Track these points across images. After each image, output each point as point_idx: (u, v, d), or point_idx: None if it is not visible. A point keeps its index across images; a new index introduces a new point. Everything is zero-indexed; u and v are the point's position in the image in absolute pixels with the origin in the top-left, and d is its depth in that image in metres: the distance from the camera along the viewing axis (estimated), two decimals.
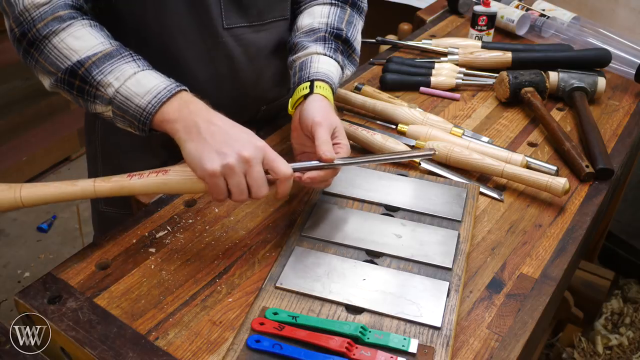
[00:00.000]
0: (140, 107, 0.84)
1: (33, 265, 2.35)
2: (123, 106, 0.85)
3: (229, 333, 0.78)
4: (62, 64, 0.86)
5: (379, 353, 0.74)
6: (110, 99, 0.86)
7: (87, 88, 0.86)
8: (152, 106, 0.84)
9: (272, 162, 0.83)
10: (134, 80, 0.85)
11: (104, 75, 0.85)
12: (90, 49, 0.86)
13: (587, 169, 1.09)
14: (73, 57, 0.86)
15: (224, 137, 0.82)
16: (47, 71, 0.88)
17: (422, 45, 1.48)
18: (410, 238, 0.92)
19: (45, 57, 0.87)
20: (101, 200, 1.20)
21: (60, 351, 0.80)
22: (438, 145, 1.10)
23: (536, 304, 0.86)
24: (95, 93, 0.86)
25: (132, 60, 0.87)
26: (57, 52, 0.86)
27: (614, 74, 1.46)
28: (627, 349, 2.04)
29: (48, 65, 0.87)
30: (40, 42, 0.86)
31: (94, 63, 0.85)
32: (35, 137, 2.62)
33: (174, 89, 0.85)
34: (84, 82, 0.86)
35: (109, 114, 0.88)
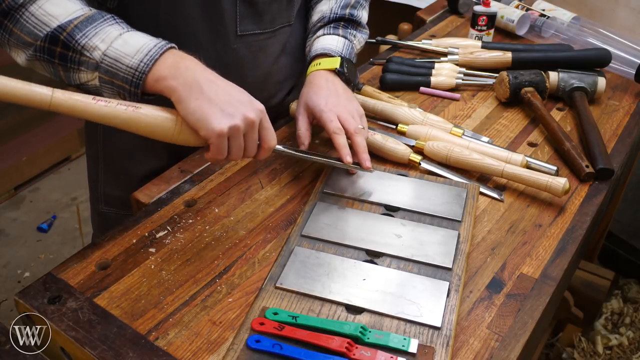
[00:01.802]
0: (132, 68, 0.80)
1: (33, 265, 2.35)
2: (112, 69, 0.80)
3: (229, 333, 0.78)
4: (40, 32, 0.80)
5: (379, 353, 0.74)
6: (97, 63, 0.80)
7: (71, 54, 0.81)
8: (144, 64, 0.80)
9: (266, 131, 0.85)
10: (121, 41, 0.80)
11: (89, 39, 0.80)
12: (70, 14, 0.81)
13: (587, 169, 1.09)
14: (52, 22, 0.80)
15: (227, 97, 0.81)
16: (22, 42, 0.82)
17: (422, 45, 1.48)
18: (410, 238, 0.92)
19: (22, 26, 0.81)
20: (101, 200, 1.20)
21: (60, 351, 0.80)
22: (438, 145, 1.10)
23: (536, 304, 0.86)
24: (80, 59, 0.81)
25: (115, 23, 0.82)
26: (34, 19, 0.80)
27: (614, 74, 1.46)
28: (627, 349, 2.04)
29: (24, 35, 0.81)
30: (16, 10, 0.80)
31: (76, 27, 0.80)
32: (35, 137, 2.62)
33: (164, 45, 0.82)
34: (67, 48, 0.80)
35: (95, 82, 0.83)
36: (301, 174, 1.08)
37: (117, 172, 1.16)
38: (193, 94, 0.80)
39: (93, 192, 1.24)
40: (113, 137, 1.14)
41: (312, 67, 1.06)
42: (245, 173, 1.07)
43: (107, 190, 1.18)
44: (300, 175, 1.07)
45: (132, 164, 1.13)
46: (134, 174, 1.12)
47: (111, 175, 1.17)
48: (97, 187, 1.20)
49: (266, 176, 1.07)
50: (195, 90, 0.80)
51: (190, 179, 1.05)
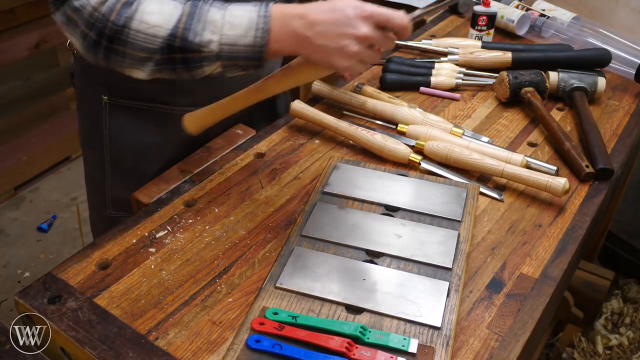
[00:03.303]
0: (249, 45, 0.85)
1: (33, 265, 2.35)
2: (232, 54, 0.85)
3: (229, 333, 0.78)
4: (152, 44, 0.84)
5: (379, 353, 0.74)
6: (217, 54, 0.85)
7: (190, 56, 0.85)
8: (259, 39, 0.85)
9: (388, 21, 0.84)
10: (228, 25, 0.84)
11: (201, 36, 0.84)
12: (169, 18, 0.84)
13: (587, 169, 1.09)
14: (159, 32, 0.84)
15: (333, 30, 0.83)
16: (137, 59, 0.86)
17: (422, 45, 1.48)
18: (410, 238, 0.92)
19: (132, 45, 0.85)
20: (109, 205, 1.19)
21: (60, 351, 0.80)
22: (438, 145, 1.10)
23: (536, 304, 0.86)
24: (200, 56, 0.85)
25: (210, 6, 0.86)
26: (142, 35, 0.84)
27: (614, 74, 1.46)
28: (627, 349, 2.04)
29: (138, 52, 0.85)
30: (120, 33, 0.84)
31: (184, 29, 0.84)
32: (35, 137, 2.62)
33: (264, 12, 0.85)
34: (184, 52, 0.85)
35: (219, 70, 0.88)
36: (301, 174, 1.08)
37: (126, 173, 1.15)
38: (309, 49, 0.85)
39: (96, 198, 1.22)
40: (120, 139, 1.13)
41: None
42: (245, 173, 1.07)
43: (115, 193, 1.17)
44: (300, 175, 1.07)
45: (144, 162, 1.13)
46: (146, 172, 1.10)
47: (120, 177, 1.16)
48: (103, 192, 1.19)
49: (266, 176, 1.07)
50: (308, 44, 0.84)
51: (190, 179, 1.05)
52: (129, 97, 1.09)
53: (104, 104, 1.09)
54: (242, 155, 1.11)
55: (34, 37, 2.47)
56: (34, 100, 2.55)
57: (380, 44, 0.85)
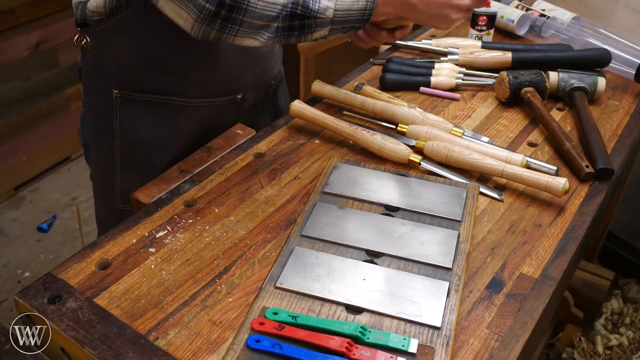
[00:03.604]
0: (361, 10, 0.94)
1: (33, 265, 2.35)
2: (344, 18, 0.94)
3: (229, 333, 0.78)
4: (273, 11, 0.90)
5: (378, 353, 0.74)
6: (331, 19, 0.93)
7: (308, 22, 0.92)
8: (371, 3, 0.94)
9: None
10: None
11: (319, 3, 0.91)
12: None
13: (587, 169, 1.09)
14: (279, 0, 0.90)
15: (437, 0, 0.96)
16: (254, 27, 0.91)
17: (422, 45, 1.48)
18: (410, 238, 0.92)
19: (252, 13, 0.89)
20: (118, 198, 1.19)
21: (60, 351, 0.80)
22: (438, 145, 1.10)
23: (536, 304, 0.86)
24: (316, 22, 0.93)
25: None
26: (262, 3, 0.89)
27: (614, 74, 1.46)
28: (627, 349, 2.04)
29: (256, 20, 0.90)
30: (241, 2, 0.88)
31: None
32: (35, 137, 2.62)
33: None
34: (304, 19, 0.92)
35: (325, 34, 0.95)
36: (301, 174, 1.08)
37: (136, 166, 1.16)
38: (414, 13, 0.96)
39: (104, 191, 1.23)
40: (131, 132, 1.14)
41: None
42: (245, 173, 1.07)
43: (124, 186, 1.17)
44: (300, 175, 1.07)
45: (154, 155, 1.14)
46: (156, 164, 1.11)
47: (130, 169, 1.17)
48: (112, 185, 1.19)
49: (266, 176, 1.07)
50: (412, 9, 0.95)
51: (190, 179, 1.05)
52: (140, 90, 1.10)
53: (115, 98, 1.10)
54: (242, 155, 1.11)
55: (34, 37, 2.47)
56: (34, 100, 2.55)
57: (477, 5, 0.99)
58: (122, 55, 1.08)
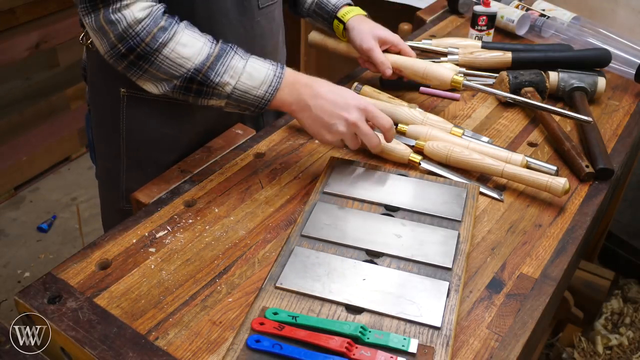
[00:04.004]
0: (258, 97, 0.97)
1: (33, 265, 2.35)
2: (241, 99, 0.97)
3: (229, 333, 0.78)
4: (176, 72, 0.94)
5: (378, 353, 0.74)
6: (228, 94, 0.96)
7: (205, 89, 0.96)
8: (269, 94, 0.97)
9: (374, 119, 1.00)
10: (246, 75, 0.96)
11: (220, 77, 0.95)
12: (199, 53, 0.94)
13: (587, 168, 1.09)
14: (187, 64, 0.94)
15: (330, 109, 0.97)
16: (156, 78, 0.95)
17: (422, 45, 1.48)
18: (410, 238, 0.92)
19: (157, 67, 0.94)
20: (123, 198, 1.20)
21: (60, 351, 0.80)
22: (438, 145, 1.10)
23: (536, 304, 0.86)
24: (213, 92, 0.96)
25: (235, 54, 0.97)
26: (169, 62, 0.93)
27: (614, 74, 1.46)
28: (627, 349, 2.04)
29: (160, 73, 0.94)
30: (151, 54, 0.92)
31: (209, 68, 0.94)
32: (35, 137, 2.63)
33: (279, 74, 0.98)
34: (202, 86, 0.95)
35: (221, 105, 0.99)
36: (301, 174, 1.08)
37: (142, 165, 1.16)
38: (305, 113, 0.99)
39: (110, 192, 1.23)
40: (137, 131, 1.14)
41: (349, 13, 1.26)
42: (245, 173, 1.07)
43: (130, 186, 1.17)
44: (300, 175, 1.07)
45: (160, 154, 1.14)
46: (162, 164, 1.12)
47: (136, 169, 1.17)
48: (117, 185, 1.20)
49: (266, 176, 1.07)
50: (307, 109, 0.98)
51: (190, 179, 1.05)
52: None
53: (122, 97, 1.11)
54: (242, 155, 1.11)
55: (34, 37, 2.47)
56: (34, 100, 2.55)
57: (363, 135, 0.99)
58: None
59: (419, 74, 1.22)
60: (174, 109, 1.12)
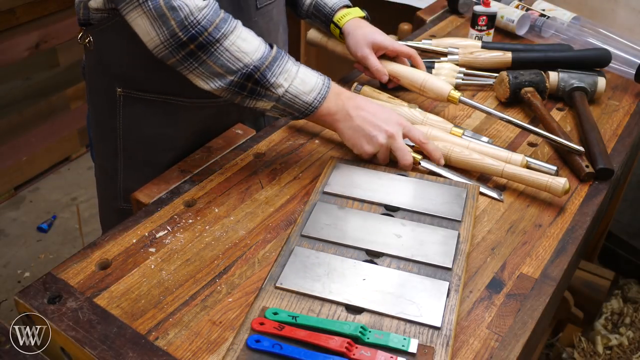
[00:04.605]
0: (307, 103, 0.99)
1: (33, 265, 2.35)
2: (290, 102, 0.98)
3: (229, 333, 0.79)
4: (233, 66, 0.93)
5: (378, 353, 0.74)
6: (279, 97, 0.97)
7: (259, 89, 0.96)
8: (317, 101, 1.00)
9: (409, 133, 1.04)
10: (299, 80, 0.98)
11: (276, 77, 0.96)
12: (256, 50, 0.95)
13: (587, 169, 1.09)
14: (245, 59, 0.94)
15: (372, 120, 1.02)
16: (211, 72, 0.94)
17: (422, 45, 1.48)
18: (410, 238, 0.92)
19: (215, 59, 0.92)
20: (121, 197, 1.20)
21: (60, 351, 0.80)
22: (438, 145, 1.10)
23: (536, 304, 0.86)
24: (266, 92, 0.97)
25: (288, 59, 0.99)
26: (228, 54, 0.93)
27: (614, 74, 1.46)
28: (627, 349, 2.04)
29: (217, 67, 0.93)
30: (212, 45, 0.91)
31: (267, 67, 0.95)
32: (35, 137, 2.63)
33: (327, 84, 1.01)
34: (257, 84, 0.96)
35: (267, 108, 1.00)
36: (301, 174, 1.08)
37: (139, 165, 1.16)
38: (347, 123, 1.02)
39: (107, 191, 1.23)
40: (134, 131, 1.14)
41: (345, 17, 1.25)
42: (245, 173, 1.07)
43: (128, 185, 1.17)
44: (300, 175, 1.07)
45: (157, 154, 1.14)
46: (158, 164, 1.12)
47: (132, 169, 1.17)
48: (115, 185, 1.20)
49: (266, 176, 1.07)
50: (349, 120, 1.02)
51: (190, 179, 1.05)
52: (143, 89, 1.11)
53: (119, 96, 1.11)
54: (242, 155, 1.11)
55: (34, 37, 2.47)
56: (34, 100, 2.55)
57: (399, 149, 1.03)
58: (125, 54, 1.08)
59: (416, 86, 1.22)
60: (170, 109, 1.12)
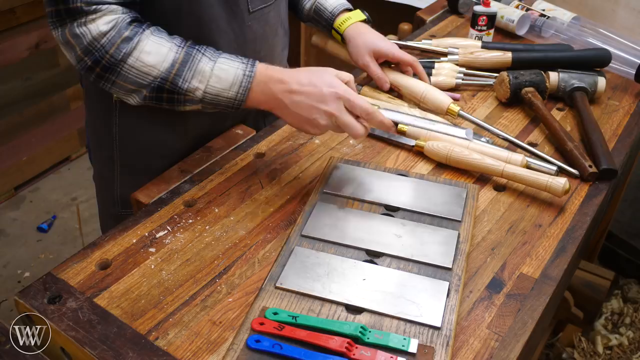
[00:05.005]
0: (231, 99, 0.96)
1: (33, 265, 2.35)
2: (214, 101, 0.96)
3: (229, 333, 0.79)
4: (143, 81, 0.93)
5: (378, 353, 0.74)
6: (200, 99, 0.95)
7: (176, 97, 0.95)
8: (240, 95, 0.95)
9: (351, 107, 0.93)
10: (215, 78, 0.94)
11: (189, 83, 0.94)
12: (163, 60, 0.93)
13: (591, 168, 1.09)
14: (152, 72, 0.93)
15: (307, 103, 0.93)
16: (126, 90, 0.95)
17: (422, 45, 1.48)
18: (410, 238, 0.92)
19: (124, 77, 0.93)
20: (118, 204, 1.19)
21: (60, 351, 0.80)
22: (438, 145, 1.10)
23: (536, 304, 0.86)
24: (185, 98, 0.95)
25: (202, 56, 0.95)
26: (135, 71, 0.92)
27: (614, 74, 1.46)
28: (627, 349, 2.04)
29: (128, 84, 0.94)
30: (116, 65, 0.92)
31: (175, 75, 0.93)
32: (35, 137, 2.63)
33: (250, 74, 0.95)
34: (172, 93, 0.94)
35: (199, 108, 0.98)
36: (301, 174, 1.08)
37: (135, 171, 1.15)
38: (284, 111, 0.96)
39: (105, 197, 1.23)
40: (129, 137, 1.14)
41: (345, 22, 1.24)
42: (245, 173, 1.07)
43: (124, 192, 1.17)
44: (300, 175, 1.07)
45: (152, 160, 1.13)
46: (154, 170, 1.11)
47: (128, 175, 1.17)
48: (111, 191, 1.19)
49: (266, 176, 1.07)
50: (283, 107, 0.95)
51: (190, 179, 1.05)
52: None
53: (115, 103, 1.10)
54: (242, 155, 1.11)
55: (34, 37, 2.47)
56: (34, 100, 2.55)
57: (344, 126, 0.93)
58: None
59: (416, 97, 1.23)
60: (167, 116, 1.11)
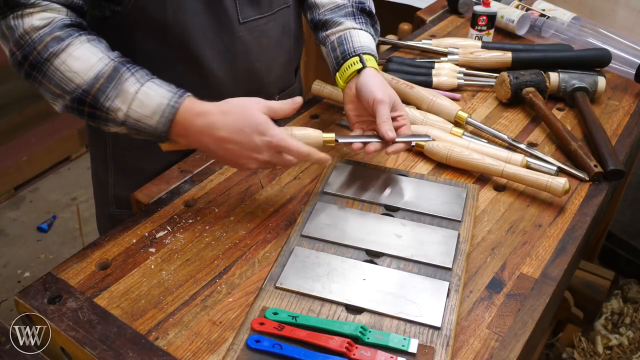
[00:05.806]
0: (152, 127, 0.88)
1: (33, 265, 2.35)
2: (136, 127, 0.89)
3: (229, 333, 0.78)
4: (67, 86, 0.88)
5: (378, 353, 0.74)
6: (122, 121, 0.88)
7: (98, 113, 0.89)
8: (162, 125, 0.88)
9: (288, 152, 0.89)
10: (137, 102, 0.87)
11: (111, 101, 0.87)
12: (89, 69, 0.87)
13: (596, 168, 1.09)
14: (76, 79, 0.87)
15: (238, 150, 0.88)
16: (51, 93, 0.89)
17: (422, 45, 1.48)
18: (410, 238, 0.92)
19: (49, 79, 0.88)
20: (112, 204, 1.19)
21: (60, 351, 0.80)
22: (438, 145, 1.10)
23: (536, 304, 0.86)
24: (107, 117, 0.89)
25: (131, 76, 0.88)
26: (60, 74, 0.87)
27: (614, 74, 1.46)
28: (627, 349, 2.04)
29: (53, 87, 0.88)
30: (42, 64, 0.87)
31: (99, 90, 0.87)
32: (35, 137, 2.62)
33: (176, 102, 0.88)
34: (93, 109, 0.88)
35: (124, 131, 0.91)
36: (301, 174, 1.08)
37: (128, 172, 1.15)
38: (211, 154, 0.91)
39: (101, 196, 1.23)
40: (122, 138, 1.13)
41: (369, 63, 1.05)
42: (245, 173, 1.07)
43: (118, 192, 1.17)
44: (300, 176, 1.07)
45: (145, 162, 1.13)
46: (147, 171, 1.11)
47: (122, 176, 1.17)
48: (106, 191, 1.19)
49: (266, 176, 1.07)
50: (210, 151, 0.90)
51: (190, 179, 1.05)
52: None
53: None
54: None
55: None
56: (34, 100, 2.55)
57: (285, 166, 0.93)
58: None
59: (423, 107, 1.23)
60: None
